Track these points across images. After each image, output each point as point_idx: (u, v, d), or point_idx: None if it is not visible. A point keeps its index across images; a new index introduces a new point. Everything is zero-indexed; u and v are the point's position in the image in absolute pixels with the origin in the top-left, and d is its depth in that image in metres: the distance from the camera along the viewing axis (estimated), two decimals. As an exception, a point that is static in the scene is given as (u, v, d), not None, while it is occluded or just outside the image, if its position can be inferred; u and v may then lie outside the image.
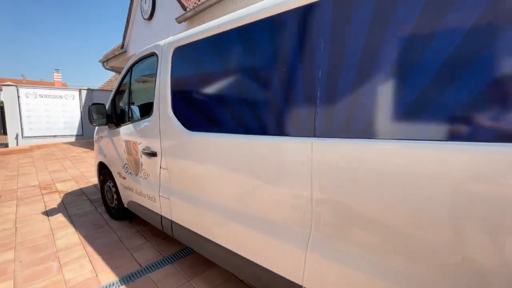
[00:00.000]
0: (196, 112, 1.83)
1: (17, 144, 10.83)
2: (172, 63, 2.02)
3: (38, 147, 10.38)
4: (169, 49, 2.07)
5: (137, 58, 2.57)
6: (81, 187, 4.92)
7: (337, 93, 1.08)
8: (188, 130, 1.87)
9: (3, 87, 10.57)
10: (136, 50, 9.11)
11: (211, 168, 1.71)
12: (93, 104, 2.85)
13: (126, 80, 2.76)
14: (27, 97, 11.00)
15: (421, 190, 0.88)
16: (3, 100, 10.59)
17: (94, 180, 5.30)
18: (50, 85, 10.75)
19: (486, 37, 0.77)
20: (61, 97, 11.78)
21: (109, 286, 2.11)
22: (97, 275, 2.25)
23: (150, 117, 2.26)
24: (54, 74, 22.00)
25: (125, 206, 3.05)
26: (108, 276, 2.24)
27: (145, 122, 2.35)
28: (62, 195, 4.48)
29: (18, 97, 10.78)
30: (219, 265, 1.88)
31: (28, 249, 2.68)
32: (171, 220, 2.18)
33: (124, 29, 9.50)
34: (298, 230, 1.28)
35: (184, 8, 6.03)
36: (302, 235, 1.26)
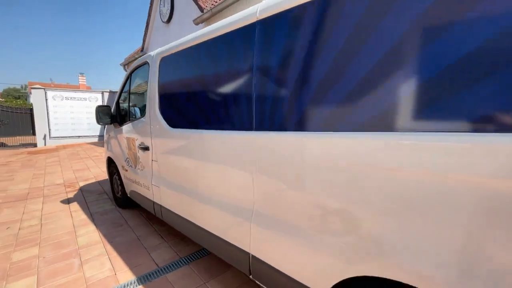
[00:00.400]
0: (176, 112, 2.18)
1: (45, 144, 11.42)
2: (159, 70, 2.37)
3: (64, 147, 10.89)
4: (157, 58, 2.41)
5: (135, 66, 2.94)
6: (102, 185, 5.07)
7: (266, 99, 1.37)
8: (170, 128, 2.20)
9: (33, 90, 11.19)
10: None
11: (186, 159, 2.04)
12: (100, 106, 3.29)
13: (127, 84, 3.18)
14: (54, 100, 11.58)
15: (316, 168, 1.16)
16: (33, 102, 11.22)
17: (115, 179, 5.45)
18: (76, 88, 11.37)
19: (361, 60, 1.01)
20: (85, 99, 12.30)
21: (127, 285, 2.12)
22: (115, 274, 2.27)
23: (143, 117, 2.63)
24: (79, 77, 23.10)
25: (128, 195, 3.42)
26: (126, 275, 2.25)
27: (140, 121, 2.71)
28: (85, 193, 4.63)
29: (46, 99, 11.37)
30: (193, 240, 2.24)
31: (51, 246, 2.77)
32: (161, 205, 2.51)
33: (143, 33, 9.77)
34: (245, 207, 1.56)
35: (201, 9, 6.09)
36: (248, 211, 1.54)
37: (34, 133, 11.29)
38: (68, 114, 11.82)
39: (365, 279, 1.04)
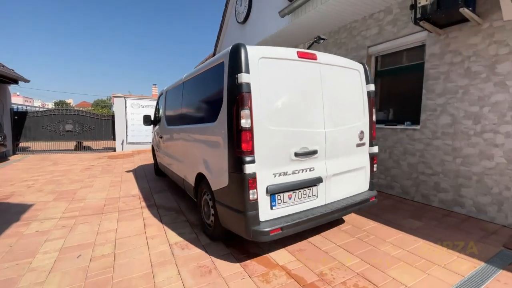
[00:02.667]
0: (168, 119, 4.88)
1: (122, 149, 12.09)
2: (165, 98, 5.16)
3: (138, 152, 11.29)
4: (165, 91, 5.22)
5: (159, 93, 5.83)
6: (178, 202, 4.43)
7: (177, 111, 4.42)
8: (167, 126, 4.85)
9: (115, 99, 12.01)
10: (227, 57, 8.87)
11: (171, 140, 4.67)
12: (145, 115, 5.80)
13: (156, 104, 6.02)
14: (132, 107, 12.24)
15: (177, 138, 4.27)
16: (114, 110, 12.03)
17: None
18: (149, 98, 12.19)
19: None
20: (158, 107, 12.76)
21: None
22: None
23: (160, 121, 5.43)
24: (152, 88, 25.12)
25: (158, 166, 6.15)
26: None
27: (160, 124, 5.45)
28: (160, 210, 4.02)
29: (126, 107, 12.08)
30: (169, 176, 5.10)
31: (125, 299, 1.98)
32: (161, 163, 5.57)
33: (216, 38, 9.46)
34: (174, 156, 4.54)
35: (289, -1, 5.18)
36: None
37: (114, 138, 12.05)
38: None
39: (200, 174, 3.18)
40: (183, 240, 3.00)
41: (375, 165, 3.34)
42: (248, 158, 2.31)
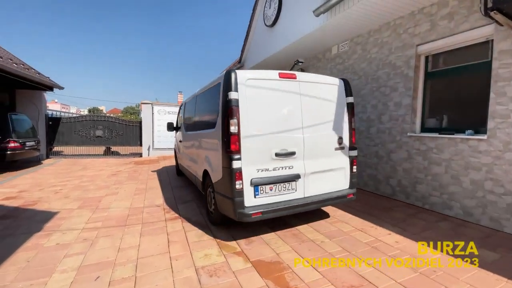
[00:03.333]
0: (186, 125, 5.62)
1: (148, 155, 12.19)
2: (184, 108, 6.06)
3: (164, 158, 11.29)
4: (184, 103, 6.21)
5: (180, 104, 6.99)
6: (204, 216, 4.09)
7: (191, 120, 5.23)
8: (186, 131, 5.58)
9: (143, 105, 12.21)
10: (254, 61, 8.60)
11: (187, 143, 5.44)
12: (168, 122, 7.00)
13: (179, 112, 6.81)
14: (159, 114, 12.37)
15: (191, 142, 5.02)
16: (142, 116, 12.22)
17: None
18: (175, 105, 12.40)
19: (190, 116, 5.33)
20: (183, 113, 12.79)
21: None
22: None
23: (181, 128, 6.28)
24: (178, 95, 25.67)
25: (179, 167, 6.96)
26: None
27: (180, 130, 6.39)
28: (185, 224, 3.69)
29: (152, 113, 12.22)
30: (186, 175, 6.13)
31: None
32: (181, 165, 6.45)
33: (242, 44, 9.26)
34: (191, 157, 5.11)
35: (326, -5, 4.76)
36: (191, 158, 5.11)
37: (141, 144, 12.20)
38: (169, 127, 12.38)
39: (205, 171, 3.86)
40: (211, 264, 2.62)
41: (354, 167, 3.81)
42: (235, 156, 2.98)
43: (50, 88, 9.89)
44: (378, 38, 5.18)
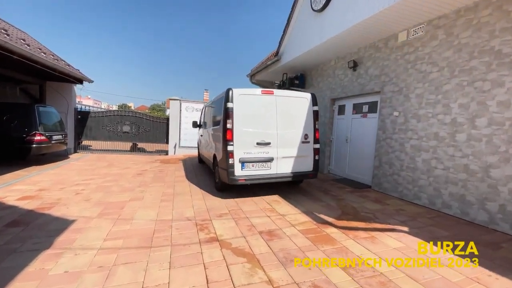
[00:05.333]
0: (204, 123, 7.49)
1: (174, 153, 11.67)
2: (205, 110, 7.76)
3: (190, 157, 10.69)
4: (205, 106, 7.89)
5: (202, 106, 8.83)
6: (246, 235, 3.21)
7: (208, 119, 6.91)
8: (204, 128, 7.44)
9: (171, 102, 11.71)
10: (292, 54, 7.62)
11: (205, 137, 7.15)
12: (194, 121, 8.37)
13: (201, 113, 8.45)
14: (186, 111, 11.81)
15: (208, 135, 6.71)
16: (169, 113, 11.72)
17: (265, 224, 3.58)
18: (202, 102, 11.86)
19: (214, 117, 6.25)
20: (211, 110, 12.13)
21: None
22: None
23: (202, 125, 7.95)
24: (204, 93, 25.42)
25: (200, 157, 8.82)
26: None
27: (202, 127, 7.92)
28: (225, 252, 2.83)
29: (180, 110, 11.69)
30: (204, 161, 7.88)
31: None
32: (202, 154, 8.16)
33: (281, 34, 8.30)
34: (208, 145, 6.56)
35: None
36: (208, 146, 6.56)
37: (167, 141, 11.71)
38: (196, 125, 11.77)
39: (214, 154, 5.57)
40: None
41: (317, 156, 5.28)
42: (230, 143, 4.67)
43: (79, 81, 9.62)
44: (471, 18, 4.00)
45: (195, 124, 8.19)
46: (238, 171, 4.70)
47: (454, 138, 4.17)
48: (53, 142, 7.71)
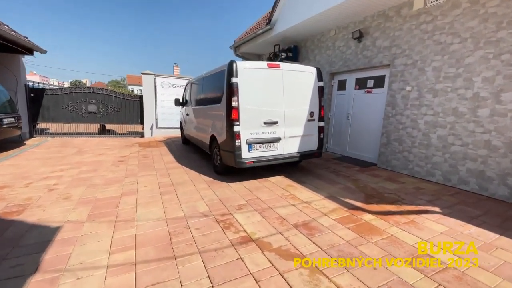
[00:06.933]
0: (191, 101, 6.74)
1: (151, 135, 10.58)
2: (190, 88, 7.04)
3: (171, 139, 9.75)
4: (190, 82, 7.15)
5: (186, 83, 7.79)
6: (281, 232, 2.78)
7: (199, 97, 6.17)
8: (191, 106, 6.75)
9: (144, 76, 10.34)
10: (289, 22, 6.92)
11: (193, 116, 6.60)
12: (176, 98, 8.00)
13: (184, 90, 7.88)
14: (162, 87, 10.59)
15: (199, 115, 6.11)
16: (143, 90, 10.41)
17: (295, 215, 3.15)
18: (180, 77, 10.36)
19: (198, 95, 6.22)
20: (190, 87, 11.04)
21: None
22: None
23: (187, 103, 7.25)
24: (174, 67, 23.35)
25: (185, 137, 7.99)
26: None
27: (187, 105, 7.31)
28: (267, 254, 2.37)
29: (155, 86, 10.44)
30: (193, 142, 7.16)
31: None
32: (188, 134, 7.40)
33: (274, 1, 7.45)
34: (196, 125, 6.40)
35: None
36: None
37: (142, 122, 10.52)
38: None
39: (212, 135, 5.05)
40: None
41: (322, 134, 5.06)
42: (235, 123, 4.23)
43: (29, 50, 7.88)
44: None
45: (177, 102, 7.73)
46: (245, 153, 4.34)
47: (476, 113, 4.05)
48: (4, 126, 6.31)
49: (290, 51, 7.96)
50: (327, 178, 4.80)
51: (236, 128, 4.21)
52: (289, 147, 4.71)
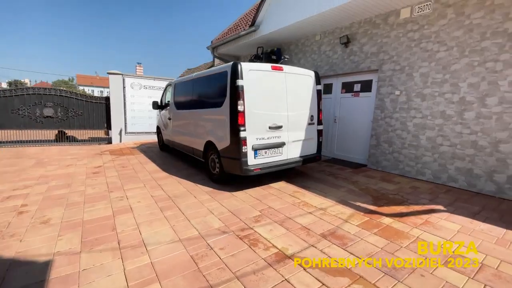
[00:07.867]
0: (177, 103, 6.25)
1: (120, 141, 9.62)
2: (174, 89, 6.46)
3: (143, 144, 8.97)
4: (174, 83, 6.56)
5: (166, 84, 7.24)
6: (313, 244, 2.62)
7: (188, 99, 5.74)
8: (176, 109, 6.27)
9: (111, 76, 9.37)
10: (276, 25, 6.85)
11: (181, 121, 6.05)
12: (154, 100, 7.51)
13: (164, 92, 7.33)
14: (132, 88, 9.73)
15: (188, 119, 5.69)
16: (110, 91, 9.41)
17: (317, 224, 3.01)
18: (153, 78, 9.54)
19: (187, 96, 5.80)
20: (162, 88, 10.32)
21: None
22: None
23: (169, 106, 6.70)
24: (137, 67, 21.82)
25: (164, 142, 7.52)
26: None
27: (168, 107, 6.77)
28: (311, 271, 2.19)
29: (124, 87, 9.54)
30: (177, 149, 6.57)
31: None
32: (169, 140, 6.89)
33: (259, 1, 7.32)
34: (182, 131, 6.05)
35: None
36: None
37: (109, 127, 9.51)
38: (146, 106, 9.87)
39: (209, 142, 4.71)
40: None
41: (320, 137, 5.07)
42: (242, 128, 3.98)
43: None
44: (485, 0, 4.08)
45: (155, 105, 7.39)
46: (252, 160, 4.13)
47: (463, 116, 4.39)
48: None
49: (273, 54, 7.89)
50: (328, 182, 4.78)
51: (242, 134, 3.97)
52: (292, 151, 4.65)
